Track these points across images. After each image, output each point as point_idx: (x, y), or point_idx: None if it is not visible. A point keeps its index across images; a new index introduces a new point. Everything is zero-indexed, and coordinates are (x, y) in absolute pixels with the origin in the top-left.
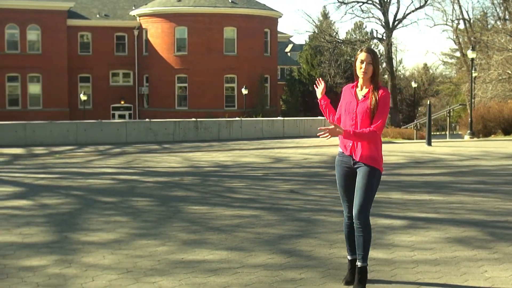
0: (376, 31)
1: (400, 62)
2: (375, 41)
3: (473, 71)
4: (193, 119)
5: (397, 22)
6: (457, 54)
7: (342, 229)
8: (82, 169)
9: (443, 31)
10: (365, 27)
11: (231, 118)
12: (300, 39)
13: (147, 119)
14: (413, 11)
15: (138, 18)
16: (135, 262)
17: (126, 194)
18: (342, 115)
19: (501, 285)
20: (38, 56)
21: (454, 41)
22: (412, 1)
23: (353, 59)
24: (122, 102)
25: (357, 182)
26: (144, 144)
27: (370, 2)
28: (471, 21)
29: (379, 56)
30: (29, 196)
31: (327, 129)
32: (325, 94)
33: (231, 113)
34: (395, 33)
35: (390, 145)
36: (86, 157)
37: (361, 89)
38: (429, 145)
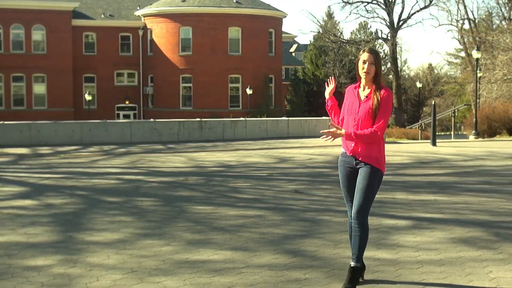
0: (381, 31)
1: (405, 62)
2: (379, 41)
3: (478, 71)
4: (198, 119)
5: (401, 22)
6: (462, 54)
7: (346, 229)
8: (86, 169)
9: (448, 31)
10: (370, 27)
11: (236, 118)
12: (305, 39)
13: (151, 119)
14: (418, 11)
15: (143, 18)
16: (140, 262)
17: (130, 194)
18: (345, 115)
19: (506, 285)
20: (43, 56)
21: (459, 41)
22: (417, 1)
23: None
24: (127, 102)
25: (358, 182)
26: (148, 144)
27: (375, 2)
28: (476, 21)
29: (383, 56)
30: (34, 196)
31: (329, 131)
32: (333, 94)
33: (235, 113)
34: (399, 33)
35: (395, 145)
36: (90, 157)
37: (363, 89)
38: (434, 145)
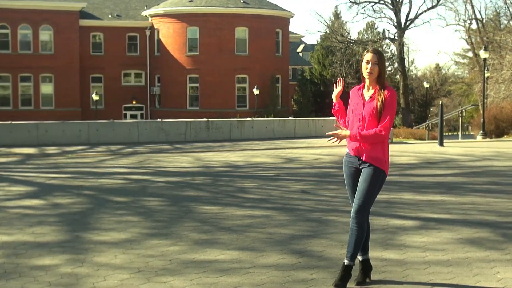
0: (388, 31)
1: (412, 62)
2: (387, 41)
3: (485, 71)
4: (205, 119)
5: (409, 22)
6: (470, 54)
7: None
8: (94, 169)
9: (455, 31)
10: (377, 27)
11: (243, 118)
12: (312, 39)
13: (158, 119)
14: (425, 11)
15: (150, 18)
16: (147, 262)
17: (137, 194)
18: (350, 116)
19: None
20: (51, 56)
21: (466, 41)
22: (425, 1)
23: None
24: (134, 102)
25: (359, 183)
26: (155, 144)
27: (382, 2)
28: (484, 21)
29: (391, 57)
30: (42, 196)
31: (334, 133)
32: (340, 97)
33: (242, 113)
34: (407, 33)
35: (402, 146)
36: (98, 157)
37: (367, 90)
38: (441, 145)
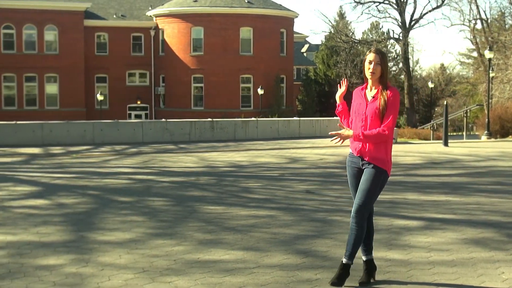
0: (393, 31)
1: (417, 62)
2: (391, 41)
3: (490, 71)
4: (209, 119)
5: (413, 22)
6: (474, 54)
7: None
8: (98, 168)
9: (460, 31)
10: (382, 27)
11: (247, 118)
12: (316, 39)
13: (163, 119)
14: (430, 11)
15: (154, 19)
16: (151, 262)
17: (142, 194)
18: (353, 117)
19: None
20: (55, 56)
21: (471, 41)
22: (429, 1)
23: None
24: (139, 102)
25: (361, 183)
26: (160, 144)
27: (387, 2)
28: (489, 21)
29: (395, 57)
30: (46, 196)
31: (337, 133)
32: (343, 97)
33: (247, 113)
34: (411, 33)
35: (407, 146)
36: (102, 156)
37: (370, 90)
38: (446, 145)
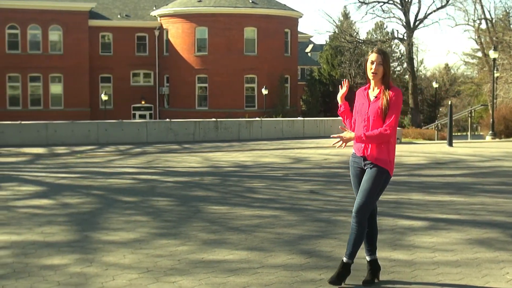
0: (397, 31)
1: (421, 62)
2: (396, 41)
3: (495, 71)
4: (213, 119)
5: (418, 22)
6: (479, 54)
7: None
8: (103, 168)
9: (464, 31)
10: (386, 27)
11: (251, 118)
12: (321, 39)
13: (167, 119)
14: (434, 11)
15: (159, 19)
16: (155, 262)
17: (146, 194)
18: (356, 117)
19: None
20: (60, 57)
21: (475, 41)
22: (434, 1)
23: None
24: (143, 102)
25: (362, 182)
26: (164, 144)
27: (391, 2)
28: (493, 21)
29: (400, 57)
30: (51, 196)
31: (339, 136)
32: (345, 98)
33: (251, 113)
34: (416, 33)
35: (411, 146)
36: (107, 156)
37: (372, 90)
38: (450, 145)
